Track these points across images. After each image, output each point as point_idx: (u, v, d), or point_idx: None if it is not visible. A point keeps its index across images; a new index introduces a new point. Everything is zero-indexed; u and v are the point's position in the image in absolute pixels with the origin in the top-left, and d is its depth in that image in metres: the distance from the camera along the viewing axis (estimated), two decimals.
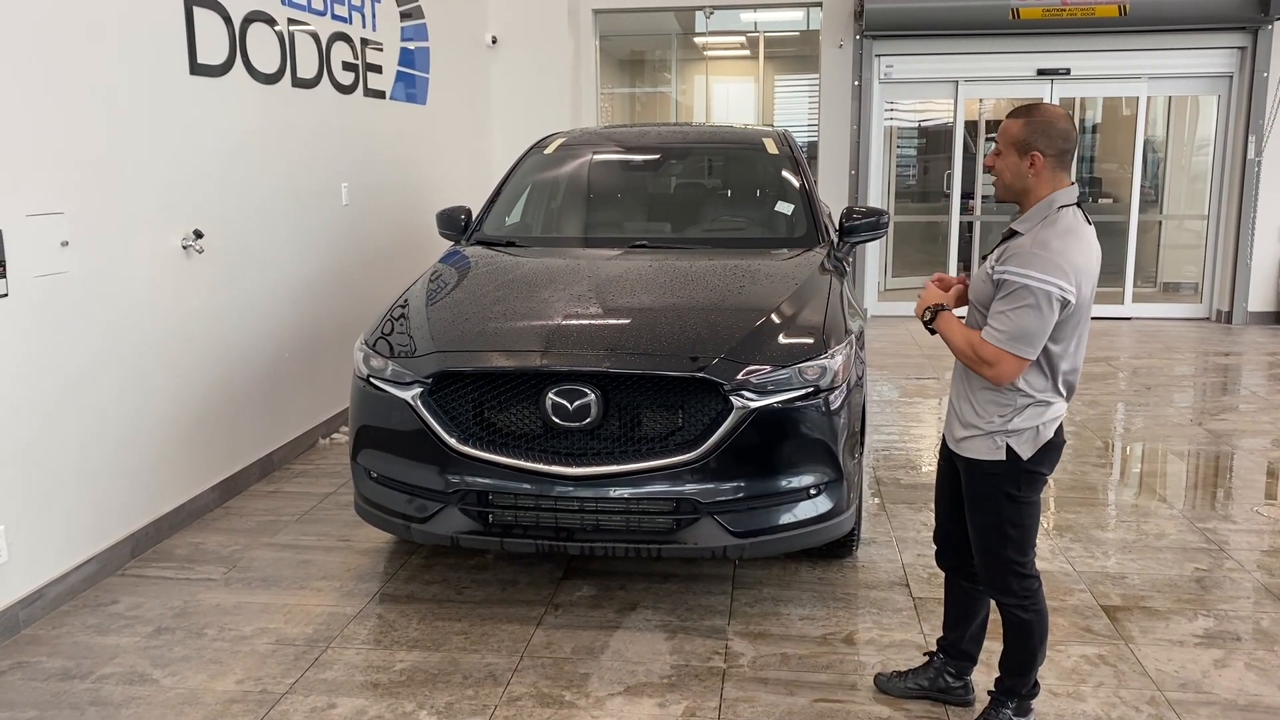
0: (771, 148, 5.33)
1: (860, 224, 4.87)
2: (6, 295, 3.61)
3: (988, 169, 2.82)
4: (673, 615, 3.82)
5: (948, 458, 3.00)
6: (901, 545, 4.42)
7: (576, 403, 3.57)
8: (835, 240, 4.86)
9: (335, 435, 6.13)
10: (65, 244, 3.89)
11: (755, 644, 3.59)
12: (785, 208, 4.99)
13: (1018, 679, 2.97)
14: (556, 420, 3.59)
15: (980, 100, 10.63)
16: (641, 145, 5.59)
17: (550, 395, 3.58)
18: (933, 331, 2.87)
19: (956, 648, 3.20)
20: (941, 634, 3.24)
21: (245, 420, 5.25)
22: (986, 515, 2.85)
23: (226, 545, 4.52)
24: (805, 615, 3.81)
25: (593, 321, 3.86)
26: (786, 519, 3.65)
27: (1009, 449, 2.77)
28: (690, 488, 3.56)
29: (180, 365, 4.67)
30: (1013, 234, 2.73)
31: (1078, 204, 2.72)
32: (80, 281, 4.00)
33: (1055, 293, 2.58)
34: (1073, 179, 2.75)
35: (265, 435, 5.46)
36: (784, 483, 3.61)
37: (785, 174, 5.13)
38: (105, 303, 4.15)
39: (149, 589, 4.09)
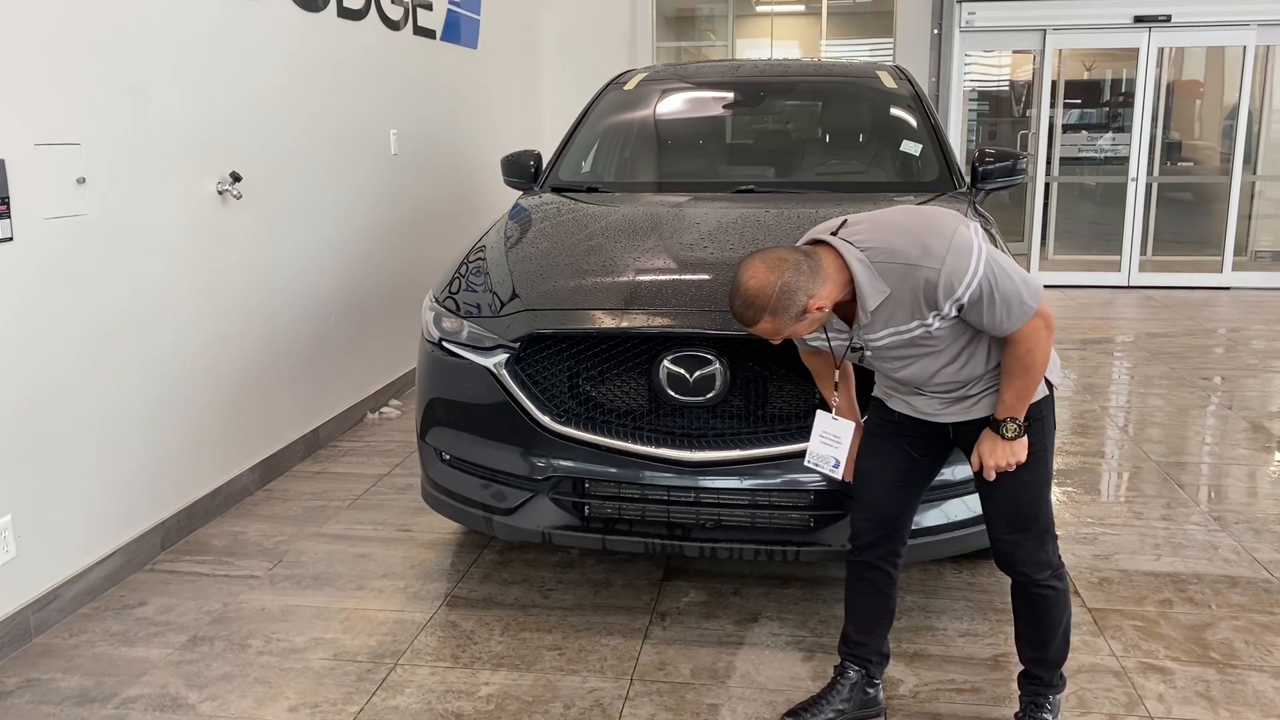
0: (889, 81, 4.62)
1: (994, 168, 4.15)
2: (11, 239, 3.00)
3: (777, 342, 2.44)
4: (804, 629, 3.18)
5: (904, 433, 2.55)
6: (1065, 543, 3.75)
7: (698, 373, 2.93)
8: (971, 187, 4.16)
9: (385, 409, 5.52)
10: (82, 181, 3.28)
11: (914, 668, 2.95)
12: (912, 147, 4.27)
13: (1057, 668, 2.58)
14: (672, 394, 2.96)
15: (1058, 50, 9.83)
16: (737, 81, 4.88)
17: (665, 363, 2.95)
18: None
19: (877, 650, 2.72)
20: (853, 641, 2.71)
21: (288, 392, 4.64)
22: (1037, 473, 2.42)
23: (270, 535, 3.93)
24: (965, 631, 3.16)
25: (712, 276, 3.18)
26: (936, 519, 3.01)
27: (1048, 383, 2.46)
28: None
29: (215, 327, 4.06)
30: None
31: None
32: (100, 226, 3.38)
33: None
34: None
35: (310, 409, 4.85)
36: (940, 474, 2.96)
37: (907, 111, 4.44)
38: (130, 252, 3.54)
39: (182, 588, 3.50)
